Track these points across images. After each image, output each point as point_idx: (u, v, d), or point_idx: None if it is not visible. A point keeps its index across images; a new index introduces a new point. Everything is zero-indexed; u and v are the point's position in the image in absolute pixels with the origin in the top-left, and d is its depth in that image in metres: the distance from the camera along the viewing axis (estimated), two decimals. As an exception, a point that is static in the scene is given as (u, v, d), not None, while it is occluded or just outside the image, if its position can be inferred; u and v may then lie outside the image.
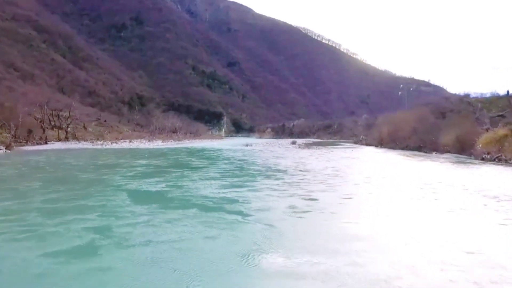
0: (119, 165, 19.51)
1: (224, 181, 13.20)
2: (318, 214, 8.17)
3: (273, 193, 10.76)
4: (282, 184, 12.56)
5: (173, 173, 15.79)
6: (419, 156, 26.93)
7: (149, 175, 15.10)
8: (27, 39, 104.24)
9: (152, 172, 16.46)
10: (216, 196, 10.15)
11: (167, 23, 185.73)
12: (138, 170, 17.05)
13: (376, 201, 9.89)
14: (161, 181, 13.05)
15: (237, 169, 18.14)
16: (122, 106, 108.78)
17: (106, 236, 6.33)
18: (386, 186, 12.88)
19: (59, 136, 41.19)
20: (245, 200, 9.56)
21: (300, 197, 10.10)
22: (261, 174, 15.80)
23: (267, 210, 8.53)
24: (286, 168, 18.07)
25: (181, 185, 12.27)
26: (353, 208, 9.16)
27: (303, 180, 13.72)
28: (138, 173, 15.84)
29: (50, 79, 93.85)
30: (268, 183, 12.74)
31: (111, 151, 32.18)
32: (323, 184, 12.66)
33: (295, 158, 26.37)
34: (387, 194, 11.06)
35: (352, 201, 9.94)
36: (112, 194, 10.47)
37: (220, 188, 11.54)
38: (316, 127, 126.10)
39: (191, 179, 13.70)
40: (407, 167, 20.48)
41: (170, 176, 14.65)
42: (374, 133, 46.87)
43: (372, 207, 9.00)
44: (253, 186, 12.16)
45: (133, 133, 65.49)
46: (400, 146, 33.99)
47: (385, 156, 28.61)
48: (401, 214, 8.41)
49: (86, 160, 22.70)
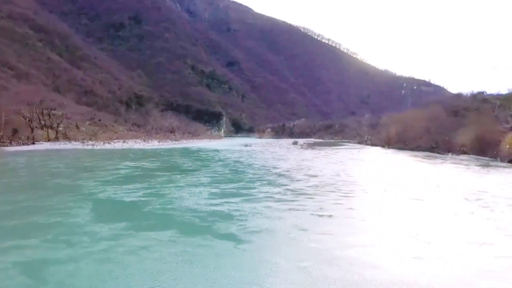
0: (101, 167, 17.51)
1: (216, 188, 11.20)
2: (336, 240, 6.14)
3: (275, 205, 8.76)
4: (286, 193, 10.56)
5: (159, 178, 13.78)
6: (434, 158, 24.73)
7: (131, 180, 13.10)
8: (23, 38, 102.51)
9: (136, 176, 14.46)
10: (204, 210, 8.16)
11: (166, 22, 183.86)
12: (121, 173, 15.05)
13: (410, 220, 7.68)
14: (142, 188, 11.06)
15: (232, 173, 16.09)
16: (120, 105, 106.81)
17: (38, 280, 4.34)
18: (419, 198, 10.47)
19: (48, 136, 39.09)
20: (239, 217, 7.58)
21: (309, 212, 8.12)
22: (260, 179, 13.75)
23: (268, 232, 6.56)
24: (289, 172, 16.03)
25: (164, 193, 10.27)
26: (383, 232, 7.03)
27: (311, 188, 11.72)
28: (120, 177, 13.85)
29: (46, 78, 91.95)
30: (269, 192, 10.74)
31: (100, 152, 30.13)
32: (335, 193, 10.66)
33: (298, 160, 24.23)
34: (425, 212, 8.67)
35: (378, 220, 7.82)
36: (77, 205, 8.48)
37: (210, 198, 9.54)
38: (317, 127, 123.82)
39: (177, 186, 11.70)
40: (430, 172, 17.96)
41: (155, 182, 12.65)
42: (381, 133, 44.64)
43: (408, 228, 6.93)
44: (250, 195, 10.16)
45: (129, 133, 63.39)
46: (410, 146, 31.75)
47: (397, 158, 26.40)
48: (466, 246, 5.97)
49: (68, 162, 20.70)
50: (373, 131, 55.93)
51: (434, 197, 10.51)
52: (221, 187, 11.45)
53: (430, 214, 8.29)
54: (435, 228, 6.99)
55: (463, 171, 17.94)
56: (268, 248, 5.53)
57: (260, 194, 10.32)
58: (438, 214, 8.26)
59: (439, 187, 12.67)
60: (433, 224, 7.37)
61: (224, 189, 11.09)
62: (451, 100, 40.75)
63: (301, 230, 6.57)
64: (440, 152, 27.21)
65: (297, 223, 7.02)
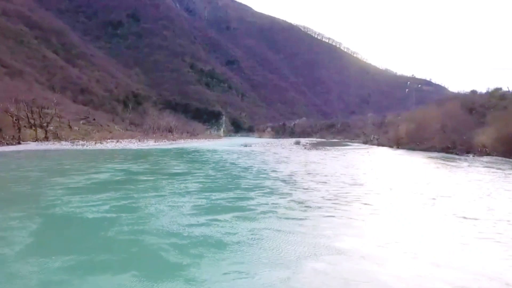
0: (80, 170, 15.43)
1: (206, 199, 9.12)
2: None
3: (279, 225, 6.69)
4: (293, 207, 8.46)
5: (141, 184, 11.70)
6: (455, 160, 21.85)
7: (107, 187, 11.02)
8: (17, 35, 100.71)
9: (114, 182, 12.37)
10: (184, 234, 6.08)
11: (164, 20, 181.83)
12: (99, 178, 12.95)
13: (481, 256, 5.39)
14: (115, 199, 8.97)
15: (228, 178, 13.96)
16: (117, 104, 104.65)
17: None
18: (469, 216, 8.02)
19: (37, 136, 36.88)
20: (231, 246, 5.49)
21: (325, 238, 6.01)
22: (260, 186, 11.60)
23: (273, 278, 4.42)
24: (295, 178, 13.85)
25: (140, 206, 8.20)
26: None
27: (324, 198, 9.57)
28: (95, 183, 11.76)
29: (41, 76, 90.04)
30: (272, 204, 8.64)
31: (88, 152, 28.00)
32: (361, 208, 8.46)
33: (303, 162, 21.76)
34: (487, 238, 6.33)
35: (442, 259, 5.38)
36: (18, 226, 6.41)
37: (196, 214, 7.46)
38: (319, 126, 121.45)
39: (159, 195, 9.62)
40: (462, 179, 14.76)
41: (134, 189, 10.57)
42: (388, 132, 42.31)
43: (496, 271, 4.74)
44: (247, 209, 8.08)
45: (125, 133, 61.25)
46: (422, 147, 29.46)
47: (414, 161, 23.62)
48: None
49: (46, 164, 18.58)
50: (379, 130, 53.53)
51: (488, 216, 7.99)
52: (212, 197, 9.36)
53: (495, 242, 6.18)
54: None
55: (502, 178, 14.88)
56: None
57: (260, 207, 8.22)
58: (505, 242, 6.17)
59: (490, 201, 9.93)
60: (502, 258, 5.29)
61: (215, 201, 9.00)
62: (465, 97, 38.23)
63: (323, 275, 4.48)
64: (457, 153, 24.86)
65: (311, 251, 4.95)
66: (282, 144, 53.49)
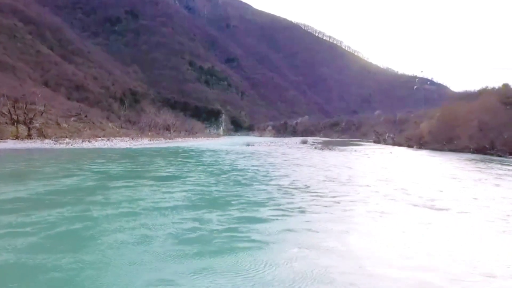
0: (48, 174, 12.47)
1: (195, 220, 6.22)
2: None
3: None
4: (325, 238, 5.39)
5: (114, 193, 8.75)
6: (501, 163, 18.51)
7: (65, 196, 8.10)
8: (10, 30, 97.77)
9: (81, 189, 9.41)
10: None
11: (163, 17, 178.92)
12: (64, 184, 9.98)
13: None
14: (66, 218, 6.12)
15: (229, 186, 10.89)
16: (113, 102, 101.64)
17: None
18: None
19: (18, 133, 33.76)
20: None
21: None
22: (272, 202, 8.48)
23: None
24: (326, 188, 10.50)
25: (93, 233, 5.34)
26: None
27: (385, 230, 6.45)
28: (55, 191, 8.83)
29: (34, 72, 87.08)
30: (286, 230, 5.57)
31: (71, 152, 24.97)
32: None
33: (322, 164, 18.15)
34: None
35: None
36: None
37: (171, 253, 4.49)
38: (322, 125, 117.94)
39: (128, 211, 6.76)
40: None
41: (101, 200, 7.70)
42: (406, 130, 39.02)
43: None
44: (249, 240, 5.07)
45: (119, 131, 58.24)
46: (450, 147, 26.15)
47: (453, 164, 19.61)
48: None
49: (11, 165, 15.56)
50: (393, 129, 50.14)
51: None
52: (205, 218, 6.42)
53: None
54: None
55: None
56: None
57: (269, 237, 5.17)
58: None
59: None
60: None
61: (209, 224, 6.01)
62: (498, 91, 34.54)
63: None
64: (500, 154, 21.68)
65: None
66: (287, 144, 49.87)
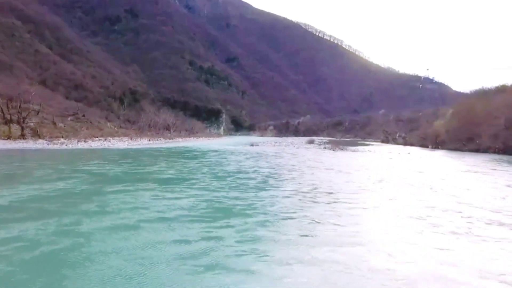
0: (33, 177, 11.19)
1: (191, 245, 4.98)
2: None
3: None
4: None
5: (100, 200, 7.55)
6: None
7: (46, 205, 6.90)
8: (9, 29, 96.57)
9: (61, 196, 8.20)
10: None
11: (163, 16, 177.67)
12: (44, 190, 8.78)
13: None
14: (45, 229, 4.75)
15: (240, 189, 9.60)
16: (113, 101, 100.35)
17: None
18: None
19: (10, 133, 32.31)
20: None
21: None
22: (297, 213, 7.11)
23: None
24: (355, 198, 9.01)
25: (57, 270, 3.96)
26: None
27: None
28: (36, 198, 7.50)
29: (32, 71, 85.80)
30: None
31: (64, 153, 23.62)
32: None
33: (341, 167, 16.51)
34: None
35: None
36: None
37: None
38: (324, 124, 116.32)
39: (111, 228, 5.68)
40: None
41: (81, 212, 6.56)
42: (419, 129, 37.50)
43: None
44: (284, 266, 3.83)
45: (118, 130, 56.90)
46: (471, 147, 24.46)
47: (503, 169, 17.33)
48: None
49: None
50: (402, 128, 48.54)
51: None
52: (213, 237, 5.19)
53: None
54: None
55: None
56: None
57: (296, 260, 3.89)
58: None
59: None
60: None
61: (216, 242, 4.85)
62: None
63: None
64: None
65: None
66: (293, 143, 48.03)
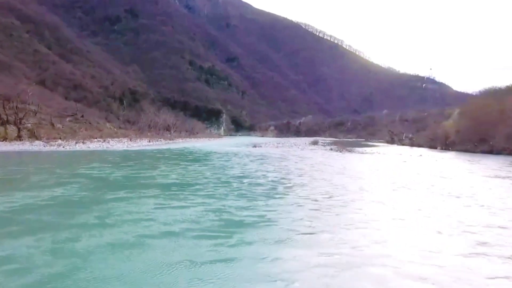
0: (21, 181, 10.48)
1: (212, 268, 4.33)
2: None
3: None
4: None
5: (92, 211, 6.80)
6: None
7: (41, 214, 6.08)
8: (7, 28, 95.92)
9: (64, 203, 7.40)
10: None
11: (163, 16, 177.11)
12: (42, 196, 7.98)
13: None
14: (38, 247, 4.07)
15: (250, 197, 8.84)
16: (112, 101, 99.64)
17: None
18: None
19: (6, 134, 31.50)
20: None
21: None
22: (313, 225, 6.24)
23: None
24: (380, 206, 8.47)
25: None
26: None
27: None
28: (28, 207, 6.81)
29: (31, 71, 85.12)
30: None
31: (60, 155, 22.88)
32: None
33: (353, 172, 15.51)
34: None
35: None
36: None
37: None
38: (326, 124, 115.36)
39: (115, 240, 4.73)
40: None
41: (66, 230, 5.68)
42: (427, 130, 36.61)
43: None
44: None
45: (117, 131, 56.21)
46: (483, 148, 23.54)
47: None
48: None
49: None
50: (409, 129, 47.65)
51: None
52: (227, 259, 4.49)
53: None
54: None
55: None
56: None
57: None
58: None
59: None
60: None
61: (230, 264, 4.24)
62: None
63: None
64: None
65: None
66: (296, 144, 46.76)
